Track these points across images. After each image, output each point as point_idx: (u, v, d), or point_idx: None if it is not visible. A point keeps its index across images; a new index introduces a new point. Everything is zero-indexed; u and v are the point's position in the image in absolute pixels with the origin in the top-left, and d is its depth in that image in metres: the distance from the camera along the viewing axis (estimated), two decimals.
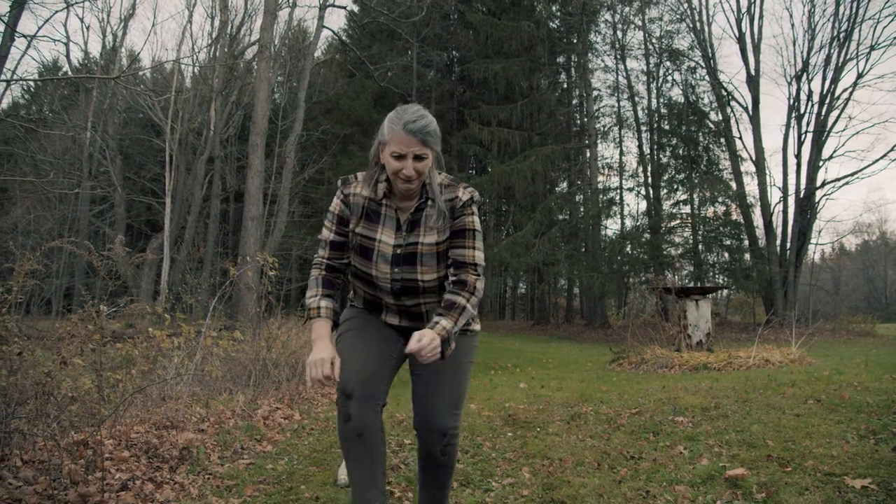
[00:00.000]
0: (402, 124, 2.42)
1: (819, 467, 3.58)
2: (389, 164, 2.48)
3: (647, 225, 30.27)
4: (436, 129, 2.49)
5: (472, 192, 2.67)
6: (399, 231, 2.65)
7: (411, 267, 2.67)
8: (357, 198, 2.68)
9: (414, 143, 2.42)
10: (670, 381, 8.14)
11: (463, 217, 2.65)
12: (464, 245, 2.65)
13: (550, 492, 3.62)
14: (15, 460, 3.95)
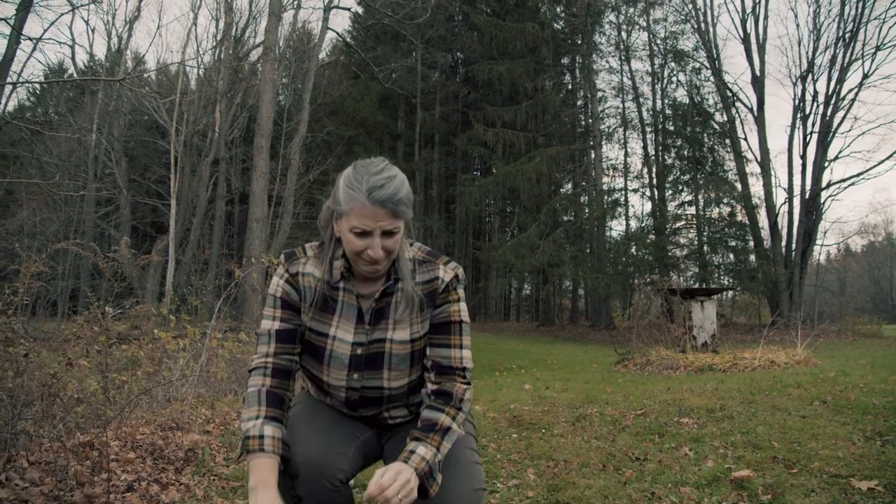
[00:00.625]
0: (367, 192, 1.87)
1: (825, 469, 3.58)
2: (349, 241, 1.94)
3: (651, 226, 30.22)
4: (409, 193, 1.96)
5: (456, 268, 2.15)
6: (361, 324, 2.11)
7: (375, 372, 2.13)
8: (307, 279, 2.12)
9: (382, 215, 1.88)
10: (675, 382, 8.13)
11: (447, 305, 2.12)
12: (448, 343, 2.12)
13: (555, 493, 3.61)
14: (21, 461, 3.96)
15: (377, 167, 1.94)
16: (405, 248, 2.09)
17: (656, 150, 31.58)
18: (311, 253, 2.15)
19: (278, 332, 2.11)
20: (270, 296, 2.15)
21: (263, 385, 2.05)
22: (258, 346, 2.13)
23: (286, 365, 2.10)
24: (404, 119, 35.24)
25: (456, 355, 2.11)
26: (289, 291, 2.13)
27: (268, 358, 2.09)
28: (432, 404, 2.06)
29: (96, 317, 4.50)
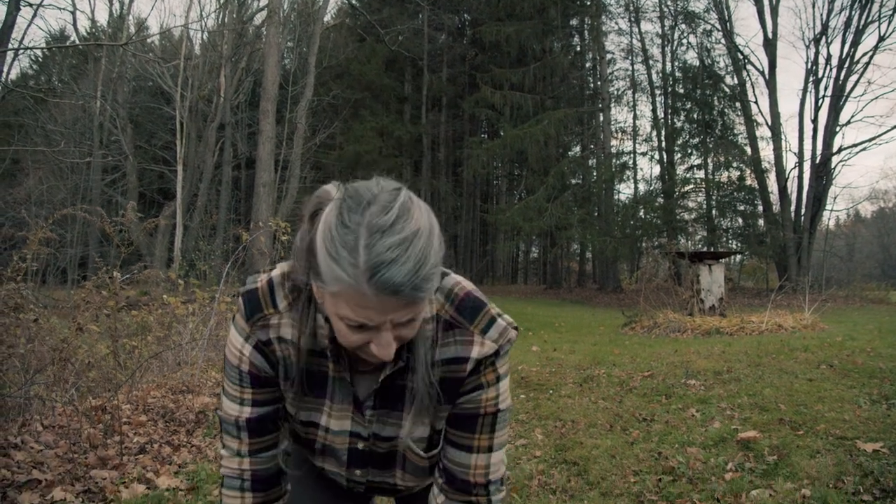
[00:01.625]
0: (368, 273, 1.08)
1: (831, 431, 3.60)
2: (340, 331, 1.23)
3: (660, 189, 30.12)
4: (435, 262, 1.15)
5: (502, 336, 1.39)
6: (359, 412, 1.46)
7: (385, 471, 1.58)
8: (283, 348, 1.42)
9: (395, 305, 1.14)
10: (683, 345, 8.16)
11: (477, 392, 1.42)
12: (470, 444, 1.46)
13: (563, 452, 3.65)
14: (36, 425, 4.02)
15: (383, 215, 1.11)
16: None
17: (665, 113, 31.33)
18: (284, 304, 1.40)
19: (251, 421, 1.48)
20: (232, 366, 1.46)
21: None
22: (224, 438, 1.52)
23: (269, 465, 1.54)
24: (411, 82, 34.94)
25: (479, 464, 1.46)
26: (259, 364, 1.44)
27: (242, 461, 1.50)
28: None
29: (104, 282, 4.53)
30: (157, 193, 33.05)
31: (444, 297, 1.40)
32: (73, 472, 3.34)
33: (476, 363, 1.39)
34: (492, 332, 1.39)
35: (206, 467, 3.58)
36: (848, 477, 2.88)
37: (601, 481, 3.14)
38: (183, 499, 3.15)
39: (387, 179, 1.21)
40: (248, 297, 1.42)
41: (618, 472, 3.24)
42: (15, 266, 4.43)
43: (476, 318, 1.39)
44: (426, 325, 1.37)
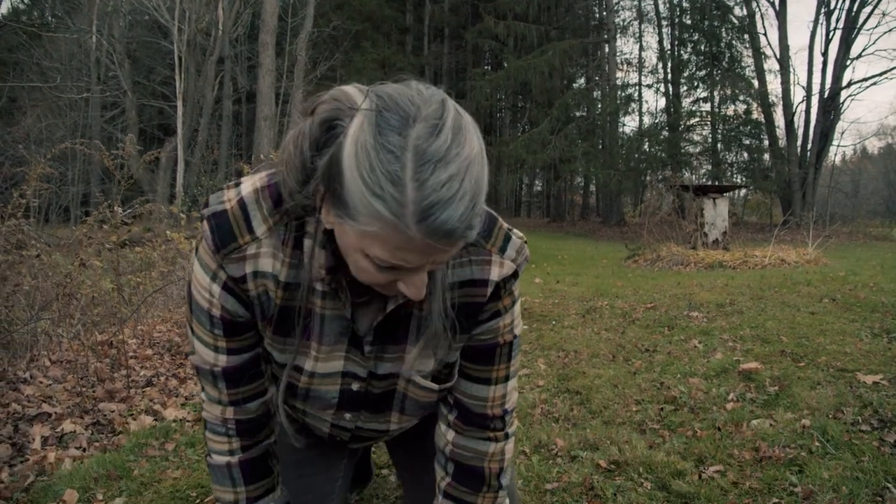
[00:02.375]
0: (418, 215, 0.88)
1: (832, 363, 3.62)
2: (361, 269, 1.03)
3: (665, 122, 29.79)
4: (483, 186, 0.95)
5: (518, 254, 1.27)
6: (356, 348, 1.28)
7: (379, 414, 1.42)
8: (261, 284, 1.18)
9: (441, 248, 0.93)
10: (685, 277, 8.18)
11: (495, 320, 1.31)
12: (488, 377, 1.36)
13: (566, 382, 3.68)
14: (43, 361, 4.07)
15: (435, 139, 0.89)
16: None
17: (672, 45, 30.76)
18: (263, 228, 1.15)
19: (228, 370, 1.29)
20: (200, 308, 1.23)
21: (231, 452, 1.37)
22: (203, 385, 1.34)
23: (256, 413, 1.37)
24: (412, 12, 34.22)
25: (497, 395, 1.38)
26: (232, 308, 1.22)
27: (225, 410, 1.33)
28: (453, 492, 1.43)
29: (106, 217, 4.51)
30: (158, 129, 32.69)
31: None
32: (82, 405, 3.38)
33: (496, 287, 1.24)
34: (510, 250, 1.25)
35: None
36: (847, 408, 2.91)
37: (603, 410, 3.18)
38: (190, 429, 3.19)
39: (423, 83, 0.97)
40: (215, 221, 1.15)
41: (620, 402, 3.28)
42: (15, 202, 4.41)
43: (492, 235, 1.24)
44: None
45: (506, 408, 1.39)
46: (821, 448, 2.51)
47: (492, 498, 1.41)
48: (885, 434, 2.60)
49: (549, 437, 2.80)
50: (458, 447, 1.40)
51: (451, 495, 1.42)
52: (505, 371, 1.36)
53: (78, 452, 2.85)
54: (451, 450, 1.41)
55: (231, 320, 1.23)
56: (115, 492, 2.42)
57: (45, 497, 2.35)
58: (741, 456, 2.48)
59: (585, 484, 2.30)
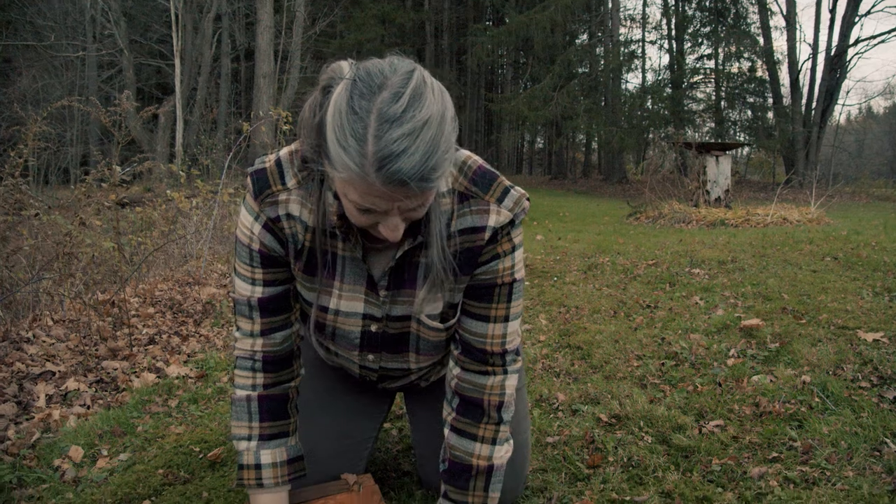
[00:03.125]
0: (376, 163, 1.08)
1: (833, 321, 3.62)
2: (349, 211, 1.25)
3: (668, 79, 29.56)
4: (445, 148, 1.14)
5: (517, 205, 1.44)
6: (372, 291, 1.49)
7: (397, 355, 1.63)
8: (293, 225, 1.43)
9: (403, 194, 1.14)
10: (687, 235, 8.17)
11: (494, 261, 1.46)
12: (487, 314, 1.50)
13: (567, 337, 3.70)
14: (46, 320, 4.08)
15: (394, 103, 1.08)
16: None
17: (676, 0, 30.29)
18: (293, 181, 1.41)
19: (263, 301, 1.50)
20: (242, 245, 1.48)
21: (254, 386, 1.55)
22: (237, 320, 1.55)
23: (282, 346, 1.56)
24: None
25: (496, 333, 1.51)
26: (269, 243, 1.46)
27: (254, 342, 1.54)
28: (457, 424, 1.56)
29: (105, 176, 4.49)
30: (156, 89, 32.34)
31: (457, 170, 1.42)
32: (85, 364, 3.40)
33: (493, 232, 1.42)
34: (507, 201, 1.42)
35: (215, 356, 3.65)
36: (847, 365, 2.92)
37: (604, 365, 3.19)
38: (193, 385, 3.21)
39: (402, 58, 1.18)
40: (256, 175, 1.43)
41: (621, 357, 3.29)
42: (13, 162, 4.38)
43: (490, 188, 1.42)
44: (443, 200, 1.40)
45: (506, 348, 1.52)
46: (820, 404, 2.52)
47: (492, 429, 1.53)
48: (885, 391, 2.62)
49: (550, 392, 2.82)
50: (462, 381, 1.55)
51: (455, 427, 1.55)
52: (504, 311, 1.50)
53: (82, 410, 2.87)
54: (456, 383, 1.56)
55: (268, 254, 1.46)
56: (120, 447, 2.44)
57: (51, 453, 2.37)
58: (741, 411, 2.49)
59: (586, 437, 2.31)
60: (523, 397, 1.89)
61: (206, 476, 2.13)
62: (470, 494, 1.53)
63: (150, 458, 2.30)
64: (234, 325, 1.60)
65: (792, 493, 1.84)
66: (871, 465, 2.01)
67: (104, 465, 2.28)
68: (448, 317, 1.53)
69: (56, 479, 2.17)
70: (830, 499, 1.79)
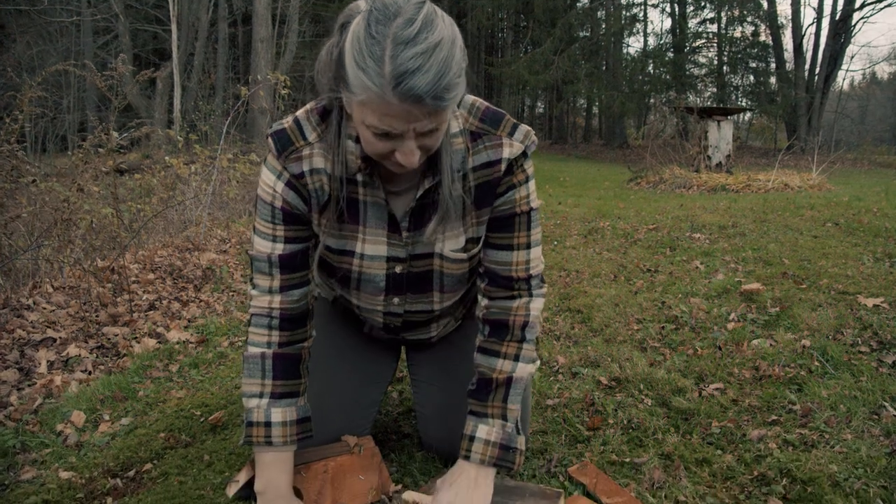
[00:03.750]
0: (391, 80, 1.15)
1: (833, 286, 3.62)
2: (366, 140, 1.31)
3: (670, 43, 29.28)
4: (459, 66, 1.22)
5: (527, 136, 1.51)
6: (395, 233, 1.56)
7: (422, 295, 1.68)
8: (316, 179, 1.49)
9: (417, 114, 1.20)
10: (688, 200, 8.16)
11: (511, 192, 1.53)
12: (510, 243, 1.57)
13: (567, 301, 3.70)
14: (46, 287, 4.08)
15: (408, 27, 1.16)
16: (453, 114, 1.47)
17: None
18: (314, 135, 1.47)
19: (283, 257, 1.53)
20: (265, 203, 1.51)
21: (269, 344, 1.57)
22: (254, 276, 1.57)
23: (299, 304, 1.59)
24: None
25: (520, 260, 1.58)
26: (292, 200, 1.50)
27: (272, 299, 1.56)
28: (484, 345, 1.62)
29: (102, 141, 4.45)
30: (153, 54, 31.99)
31: (466, 111, 1.50)
32: (86, 330, 3.41)
33: (508, 164, 1.50)
34: (517, 134, 1.50)
35: (215, 321, 3.65)
36: (847, 329, 2.92)
37: (605, 328, 3.19)
38: (193, 350, 3.22)
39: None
40: (277, 136, 1.48)
41: (621, 320, 3.29)
42: (8, 128, 4.34)
43: (500, 125, 1.50)
44: (456, 140, 1.47)
45: (531, 273, 1.60)
46: (820, 368, 2.53)
47: (515, 346, 1.60)
48: (884, 355, 2.63)
49: (550, 355, 2.82)
50: (490, 308, 1.62)
51: (482, 348, 1.62)
52: (525, 238, 1.58)
53: (83, 375, 2.88)
54: (485, 313, 1.63)
55: (290, 211, 1.50)
56: (121, 412, 2.45)
57: (54, 418, 2.38)
58: (741, 374, 2.50)
59: (586, 400, 2.32)
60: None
61: (207, 439, 2.14)
62: (489, 406, 1.58)
63: (152, 422, 2.31)
64: (249, 284, 1.58)
65: (791, 456, 1.84)
66: (870, 428, 2.01)
67: (106, 429, 2.29)
68: (470, 248, 1.59)
69: (59, 444, 2.19)
70: (829, 461, 1.80)
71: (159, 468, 1.95)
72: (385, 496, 1.66)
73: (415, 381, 1.94)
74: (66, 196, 4.18)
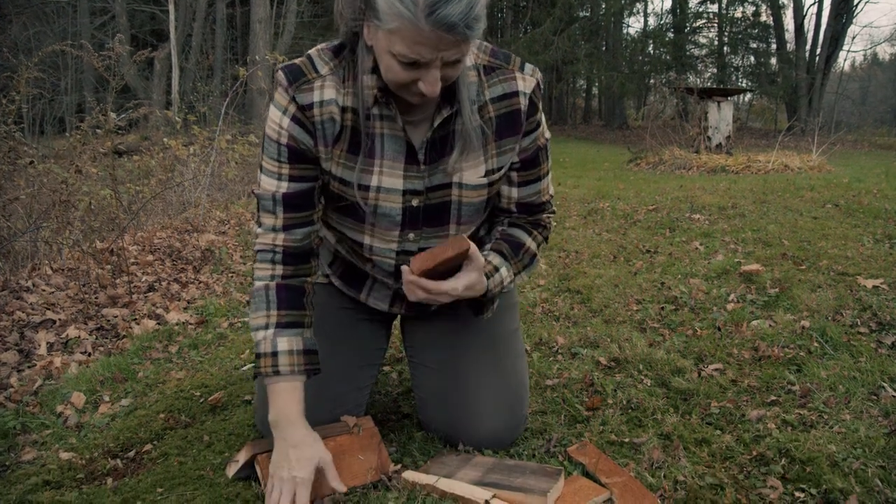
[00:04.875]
0: (427, 8, 1.21)
1: (833, 267, 3.62)
2: (390, 68, 1.35)
3: (671, 23, 29.10)
4: (484, 3, 1.32)
5: (535, 71, 1.59)
6: (413, 164, 1.56)
7: (438, 229, 1.65)
8: (327, 110, 1.49)
9: (447, 42, 1.27)
10: (688, 181, 8.15)
11: (536, 131, 1.62)
12: (538, 175, 1.68)
13: (566, 282, 3.70)
14: (45, 269, 4.08)
15: None
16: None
17: None
18: (326, 69, 1.49)
19: (287, 196, 1.55)
20: (271, 141, 1.53)
21: (273, 276, 1.59)
22: (260, 215, 1.59)
23: (302, 243, 1.60)
24: None
25: (545, 187, 1.71)
26: (298, 135, 1.51)
27: (276, 237, 1.58)
28: (517, 222, 1.73)
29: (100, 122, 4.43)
30: (151, 35, 31.77)
31: (476, 48, 1.56)
32: (85, 312, 3.41)
33: (529, 100, 1.57)
34: (527, 68, 1.58)
35: (214, 302, 3.65)
36: (847, 310, 2.92)
37: (604, 309, 3.19)
38: (192, 331, 3.22)
39: None
40: (288, 69, 1.50)
41: (620, 301, 3.29)
42: (5, 109, 4.31)
43: (510, 60, 1.58)
44: (469, 73, 1.51)
45: (550, 192, 1.75)
46: (819, 349, 2.53)
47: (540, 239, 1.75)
48: (883, 336, 2.63)
49: (549, 335, 2.82)
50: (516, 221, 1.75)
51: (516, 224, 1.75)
52: (546, 168, 1.70)
53: (83, 357, 2.89)
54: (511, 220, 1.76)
55: (296, 148, 1.51)
56: (121, 393, 2.45)
57: (54, 400, 2.38)
58: (740, 355, 2.50)
59: (585, 380, 2.32)
60: (519, 338, 1.93)
61: (206, 420, 2.14)
62: (515, 260, 1.68)
63: (152, 403, 2.31)
64: (255, 223, 1.62)
65: (790, 436, 1.85)
66: (869, 409, 2.02)
67: (106, 410, 2.30)
68: (492, 180, 1.63)
69: (59, 425, 2.19)
70: (828, 441, 1.80)
71: (159, 449, 1.95)
72: (384, 476, 1.67)
73: (413, 363, 1.93)
74: (65, 178, 4.17)
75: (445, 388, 1.80)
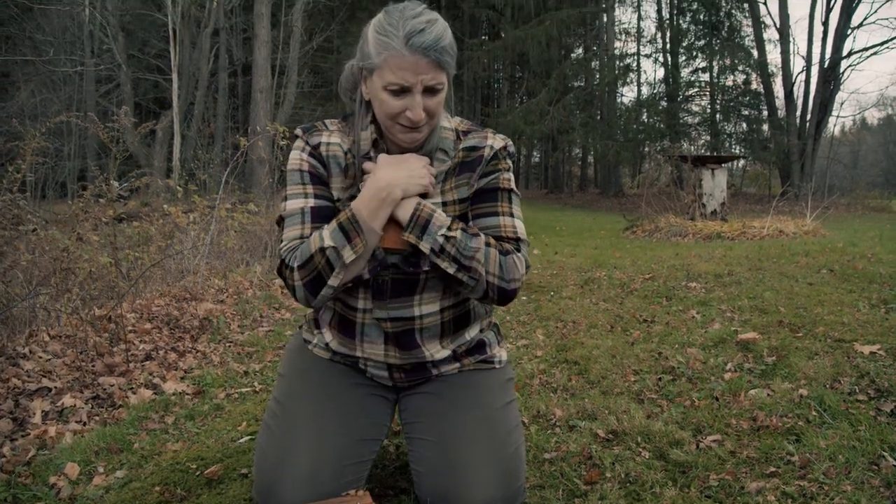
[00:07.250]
0: (404, 37, 1.54)
1: (830, 333, 3.63)
2: (383, 103, 1.62)
3: (664, 92, 29.68)
4: (452, 42, 1.62)
5: (507, 139, 1.83)
6: None
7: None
8: (333, 149, 1.78)
9: (424, 66, 1.56)
10: (684, 248, 8.19)
11: (496, 174, 1.79)
12: (496, 210, 1.77)
13: (564, 352, 3.69)
14: (42, 336, 4.06)
15: (414, 10, 1.59)
16: (446, 118, 1.79)
17: (671, 14, 30.56)
18: (334, 126, 1.81)
19: (314, 209, 1.73)
20: (294, 171, 1.76)
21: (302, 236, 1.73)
22: (285, 231, 1.73)
23: None
24: None
25: (506, 223, 1.75)
26: (315, 164, 1.76)
27: (302, 242, 1.69)
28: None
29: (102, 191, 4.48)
30: (154, 103, 32.29)
31: (459, 120, 1.84)
32: (82, 380, 3.39)
33: (493, 151, 1.79)
34: (500, 135, 1.83)
35: (212, 372, 3.63)
36: (844, 378, 2.92)
37: (602, 380, 3.19)
38: (189, 402, 3.21)
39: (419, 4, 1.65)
40: (303, 126, 1.83)
41: (618, 372, 3.29)
42: (11, 177, 4.37)
43: (486, 129, 1.84)
44: (448, 132, 1.79)
45: (518, 235, 1.76)
46: (818, 417, 2.52)
47: (496, 249, 1.69)
48: (882, 403, 2.62)
49: (547, 407, 2.81)
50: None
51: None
52: (508, 208, 1.79)
53: (78, 426, 2.86)
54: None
55: (315, 173, 1.77)
56: (116, 464, 2.43)
57: (47, 470, 2.36)
58: (739, 425, 2.49)
59: (584, 453, 2.31)
60: (514, 410, 1.91)
61: (202, 493, 2.12)
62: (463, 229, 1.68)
63: (147, 475, 2.29)
64: (278, 242, 1.91)
65: None
66: (870, 479, 2.01)
67: (100, 482, 2.27)
68: (446, 201, 1.78)
69: (52, 497, 2.16)
70: None
71: None
72: None
73: (409, 438, 1.91)
74: (66, 245, 4.19)
75: (439, 460, 1.78)
